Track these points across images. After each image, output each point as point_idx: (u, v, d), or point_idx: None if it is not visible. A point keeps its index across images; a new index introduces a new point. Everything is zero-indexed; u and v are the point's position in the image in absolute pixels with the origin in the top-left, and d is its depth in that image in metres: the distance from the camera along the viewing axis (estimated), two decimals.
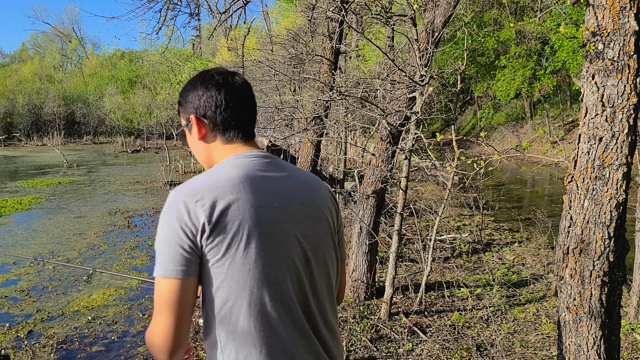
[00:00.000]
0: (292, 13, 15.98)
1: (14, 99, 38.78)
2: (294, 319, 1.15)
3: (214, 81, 1.23)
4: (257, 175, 1.17)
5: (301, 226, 1.20)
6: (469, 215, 9.31)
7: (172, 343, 1.08)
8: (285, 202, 1.18)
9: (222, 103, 1.22)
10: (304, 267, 1.19)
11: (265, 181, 1.18)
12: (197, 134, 1.24)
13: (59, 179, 16.39)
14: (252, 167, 1.18)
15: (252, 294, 1.10)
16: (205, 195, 1.09)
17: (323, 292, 1.24)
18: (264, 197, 1.14)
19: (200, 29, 35.76)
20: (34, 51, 56.91)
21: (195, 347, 4.12)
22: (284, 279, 1.14)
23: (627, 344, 3.96)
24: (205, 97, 1.22)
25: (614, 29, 2.01)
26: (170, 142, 31.62)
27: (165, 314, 1.08)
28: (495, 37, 19.06)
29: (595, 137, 2.09)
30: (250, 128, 1.27)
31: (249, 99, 1.26)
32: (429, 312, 4.67)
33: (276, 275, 1.13)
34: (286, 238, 1.16)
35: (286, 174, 1.23)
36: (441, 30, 4.48)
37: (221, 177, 1.14)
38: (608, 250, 2.10)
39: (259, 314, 1.11)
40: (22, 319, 4.92)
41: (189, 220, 1.07)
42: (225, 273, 1.09)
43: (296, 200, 1.21)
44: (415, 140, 4.32)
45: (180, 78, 30.17)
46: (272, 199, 1.16)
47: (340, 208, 1.39)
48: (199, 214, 1.07)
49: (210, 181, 1.13)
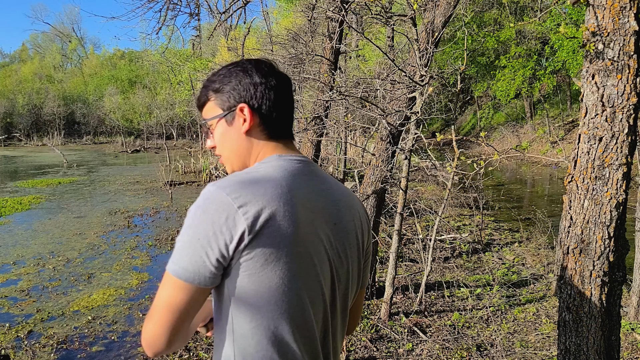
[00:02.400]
0: (292, 13, 15.98)
1: (14, 99, 38.79)
2: (312, 348, 1.07)
3: (271, 71, 1.12)
4: (302, 185, 1.06)
5: (333, 249, 1.09)
6: (469, 215, 9.31)
7: (166, 344, 1.00)
8: (322, 221, 1.07)
9: (280, 96, 1.12)
10: (329, 292, 1.10)
11: (309, 194, 1.07)
12: (243, 125, 1.10)
13: (59, 179, 16.39)
14: (298, 173, 1.07)
15: (278, 318, 1.00)
16: (249, 201, 0.96)
17: (339, 319, 1.15)
18: (306, 212, 1.03)
19: (200, 29, 35.77)
20: (34, 51, 56.96)
21: (195, 347, 4.12)
22: (313, 305, 1.05)
23: (627, 344, 3.96)
24: (263, 87, 1.10)
25: (614, 29, 2.01)
26: (170, 142, 31.64)
27: (165, 317, 0.98)
28: (495, 37, 19.07)
29: (595, 137, 2.09)
30: (292, 126, 1.16)
31: (292, 96, 1.17)
32: (429, 312, 4.67)
33: (307, 298, 1.03)
34: (320, 260, 1.05)
35: (325, 187, 1.12)
36: (441, 30, 4.48)
37: (268, 181, 1.01)
38: (608, 250, 2.10)
39: (281, 338, 1.01)
40: (22, 319, 4.92)
41: (225, 226, 0.94)
42: (255, 290, 0.98)
43: (331, 219, 1.10)
44: (415, 140, 4.32)
45: (180, 78, 30.14)
46: (313, 216, 1.05)
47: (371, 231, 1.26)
48: (239, 222, 0.94)
49: (257, 185, 1.00)
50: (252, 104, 1.10)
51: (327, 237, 1.08)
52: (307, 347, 1.05)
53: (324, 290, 1.07)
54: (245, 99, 1.10)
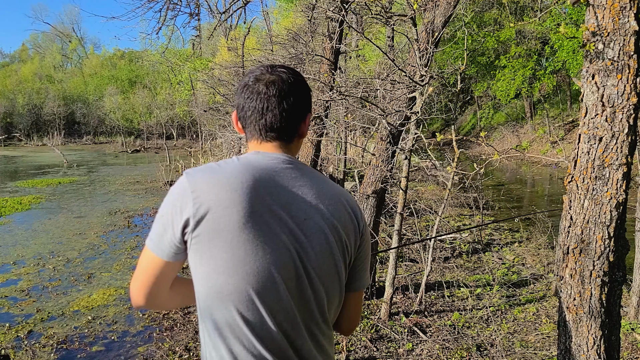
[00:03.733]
0: (292, 13, 15.98)
1: (14, 99, 38.79)
2: (267, 337, 1.09)
3: (262, 73, 1.22)
4: (267, 179, 1.12)
5: (298, 242, 1.11)
6: (469, 215, 9.31)
7: (144, 301, 1.16)
8: (285, 214, 1.11)
9: (261, 100, 1.19)
10: (294, 286, 1.11)
11: (274, 187, 1.12)
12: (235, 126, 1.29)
13: (59, 179, 16.39)
14: (267, 168, 1.14)
15: (222, 300, 1.07)
16: (202, 187, 1.07)
17: (311, 315, 1.15)
18: (261, 203, 1.08)
19: (200, 29, 35.73)
20: (34, 51, 56.95)
21: (195, 347, 4.12)
22: (261, 294, 1.08)
23: (627, 344, 3.96)
24: (245, 90, 1.22)
25: (614, 28, 2.01)
26: (170, 142, 31.63)
27: (141, 280, 1.15)
28: (495, 37, 19.07)
29: (595, 137, 2.09)
30: (284, 129, 1.20)
31: (288, 98, 1.19)
32: (429, 312, 4.67)
33: (251, 286, 1.07)
34: (274, 250, 1.08)
35: (301, 184, 1.16)
36: (441, 30, 4.48)
37: (230, 171, 1.10)
38: (608, 250, 2.10)
39: (228, 321, 1.08)
40: (22, 319, 4.92)
41: (179, 208, 1.08)
42: (203, 271, 1.08)
43: (300, 213, 1.12)
44: (415, 140, 4.32)
45: (180, 78, 30.15)
46: (272, 208, 1.09)
47: (366, 232, 1.28)
48: (188, 206, 1.06)
49: (217, 174, 1.10)
50: (237, 105, 1.23)
51: (289, 230, 1.10)
52: (258, 335, 1.08)
53: (277, 284, 1.08)
54: (235, 104, 1.24)
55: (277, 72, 1.21)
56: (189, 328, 4.56)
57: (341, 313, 1.28)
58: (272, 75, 1.20)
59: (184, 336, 4.39)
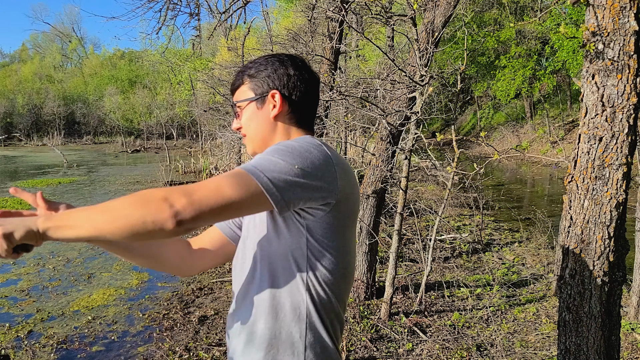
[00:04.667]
0: (292, 13, 15.98)
1: (14, 99, 38.79)
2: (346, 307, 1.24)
3: (305, 66, 1.22)
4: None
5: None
6: (469, 215, 9.31)
7: (189, 214, 0.89)
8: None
9: (310, 90, 1.22)
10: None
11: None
12: (272, 110, 1.18)
13: (59, 179, 16.38)
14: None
15: (346, 271, 1.16)
16: (339, 164, 1.10)
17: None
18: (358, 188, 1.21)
19: (200, 29, 35.71)
20: (34, 51, 56.97)
21: (195, 347, 4.12)
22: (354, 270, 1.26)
23: (627, 344, 3.96)
24: (296, 78, 1.19)
25: (614, 28, 2.01)
26: (170, 142, 31.62)
27: (215, 196, 0.91)
28: (495, 37, 19.06)
29: (595, 137, 2.09)
30: (314, 121, 1.28)
31: (318, 93, 1.28)
32: (429, 312, 4.67)
33: (354, 265, 1.22)
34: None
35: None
36: (441, 30, 4.48)
37: (338, 155, 1.14)
38: (608, 250, 2.10)
39: (345, 288, 1.18)
40: (22, 319, 4.92)
41: (327, 172, 1.05)
42: (339, 240, 1.11)
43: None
44: (415, 140, 4.32)
45: (180, 78, 30.13)
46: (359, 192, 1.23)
47: None
48: (335, 176, 1.06)
49: (339, 156, 1.13)
50: (284, 92, 1.18)
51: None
52: (347, 300, 1.21)
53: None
54: (278, 87, 1.18)
55: (302, 60, 1.26)
56: (189, 328, 4.56)
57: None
58: (304, 62, 1.25)
59: (184, 336, 4.39)
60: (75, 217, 0.94)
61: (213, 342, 4.20)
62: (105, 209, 0.92)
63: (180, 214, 0.88)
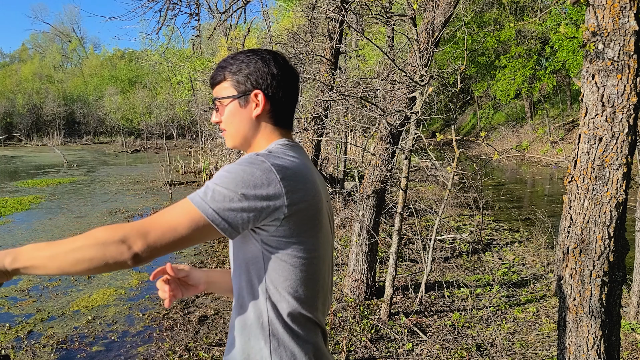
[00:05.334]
0: (292, 13, 15.98)
1: (14, 99, 38.77)
2: (325, 308, 1.25)
3: (287, 64, 1.23)
4: (311, 166, 1.22)
5: (330, 222, 1.27)
6: (469, 215, 9.31)
7: (145, 254, 1.01)
8: (325, 197, 1.25)
9: (290, 89, 1.23)
10: (331, 261, 1.28)
11: (317, 174, 1.23)
12: (254, 110, 1.20)
13: (59, 179, 16.38)
14: (306, 156, 1.23)
15: (310, 279, 1.15)
16: (290, 175, 1.09)
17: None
18: (323, 189, 1.21)
19: (200, 29, 35.68)
20: (34, 51, 56.94)
21: (195, 347, 4.12)
22: (328, 269, 1.24)
23: (627, 344, 3.96)
24: (279, 78, 1.20)
25: (614, 28, 2.01)
26: (170, 142, 31.62)
27: (168, 234, 1.03)
28: (495, 37, 19.06)
29: (595, 137, 2.09)
30: (293, 117, 1.31)
31: (298, 90, 1.29)
32: (429, 312, 4.67)
33: (326, 264, 1.21)
34: (329, 231, 1.24)
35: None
36: (441, 30, 4.48)
37: (295, 161, 1.14)
38: (608, 250, 2.10)
39: (312, 297, 1.17)
40: (22, 319, 4.92)
41: (270, 190, 1.05)
42: (293, 253, 1.11)
43: (327, 196, 1.29)
44: (415, 140, 4.32)
45: (180, 78, 30.11)
46: (325, 193, 1.23)
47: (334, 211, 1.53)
48: (281, 190, 1.06)
49: (292, 163, 1.12)
50: (267, 92, 1.20)
51: (328, 210, 1.26)
52: (322, 301, 1.21)
53: (332, 256, 1.27)
54: (261, 86, 1.19)
55: (283, 57, 1.26)
56: (189, 328, 4.56)
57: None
58: (285, 60, 1.25)
59: (184, 336, 4.39)
60: (41, 257, 1.02)
61: (213, 342, 4.20)
62: (68, 251, 1.01)
63: (137, 255, 1.01)
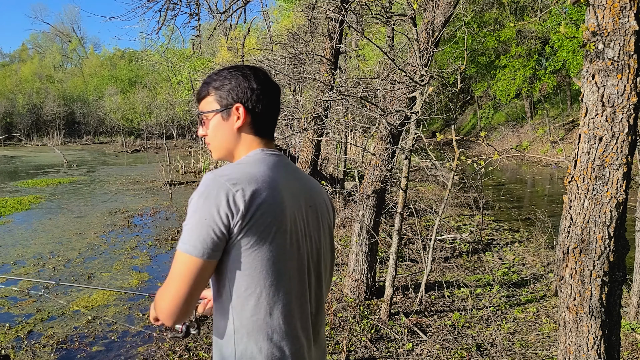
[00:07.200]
0: (292, 13, 15.98)
1: (14, 99, 38.73)
2: (303, 314, 1.26)
3: (267, 79, 1.32)
4: (282, 174, 1.26)
5: (310, 226, 1.30)
6: (469, 215, 9.31)
7: (179, 311, 1.16)
8: (301, 203, 1.28)
9: (270, 102, 1.31)
10: (314, 266, 1.30)
11: (288, 181, 1.26)
12: (236, 122, 1.29)
13: (59, 179, 16.38)
14: (277, 164, 1.27)
15: (271, 286, 1.18)
16: (245, 186, 1.14)
17: (321, 290, 1.36)
18: (288, 195, 1.23)
19: (200, 29, 35.71)
20: (34, 51, 56.91)
21: (195, 347, 4.12)
22: (301, 276, 1.25)
23: (627, 344, 3.96)
24: (258, 92, 1.28)
25: (614, 28, 2.00)
26: (170, 142, 31.61)
27: (179, 285, 1.15)
28: (495, 36, 19.05)
29: (595, 137, 2.09)
30: (274, 128, 1.38)
31: (279, 103, 1.37)
32: (429, 312, 4.67)
33: (295, 271, 1.23)
34: (302, 237, 1.26)
35: (298, 176, 1.34)
36: (441, 30, 4.47)
37: (256, 171, 1.20)
38: (608, 250, 2.10)
39: (275, 304, 1.19)
40: (22, 319, 4.92)
41: (227, 207, 1.12)
42: (250, 262, 1.15)
43: (307, 202, 1.31)
44: (415, 140, 4.32)
45: (180, 78, 30.10)
46: (293, 199, 1.25)
47: (336, 211, 1.55)
48: (239, 202, 1.12)
49: (248, 174, 1.18)
50: (247, 106, 1.28)
51: (305, 216, 1.29)
52: (299, 314, 1.24)
53: (309, 263, 1.28)
54: (242, 100, 1.28)
55: (264, 73, 1.35)
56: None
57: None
58: (265, 75, 1.33)
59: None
60: None
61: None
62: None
63: (172, 324, 1.21)
